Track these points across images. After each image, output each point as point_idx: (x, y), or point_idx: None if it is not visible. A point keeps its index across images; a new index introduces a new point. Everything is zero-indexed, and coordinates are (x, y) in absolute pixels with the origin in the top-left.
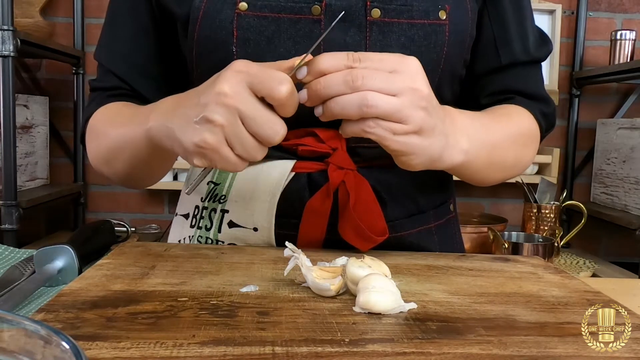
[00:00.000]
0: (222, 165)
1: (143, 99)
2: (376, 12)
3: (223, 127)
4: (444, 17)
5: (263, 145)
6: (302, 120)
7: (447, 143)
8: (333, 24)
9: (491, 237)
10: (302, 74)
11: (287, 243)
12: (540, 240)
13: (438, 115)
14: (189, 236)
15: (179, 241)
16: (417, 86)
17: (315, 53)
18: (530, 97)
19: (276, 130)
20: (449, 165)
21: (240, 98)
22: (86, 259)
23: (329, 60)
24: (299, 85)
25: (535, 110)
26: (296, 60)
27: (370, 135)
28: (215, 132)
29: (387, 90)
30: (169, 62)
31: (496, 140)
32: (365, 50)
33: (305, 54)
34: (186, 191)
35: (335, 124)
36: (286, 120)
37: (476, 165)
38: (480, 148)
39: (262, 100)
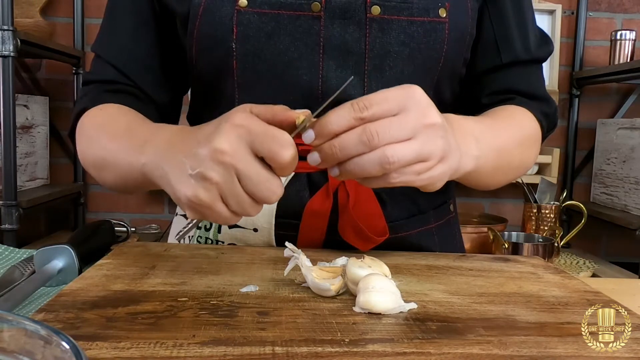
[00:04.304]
0: (214, 219)
1: (141, 95)
2: (376, 9)
3: (218, 184)
4: (444, 15)
5: (258, 204)
6: None
7: (460, 153)
8: (343, 86)
9: (491, 237)
10: (310, 138)
11: (287, 243)
12: (540, 240)
13: (450, 132)
14: (189, 236)
15: (179, 241)
16: (429, 120)
17: (315, 51)
18: (531, 97)
19: (273, 190)
20: (462, 174)
21: (239, 157)
22: (86, 259)
23: (337, 119)
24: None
25: (536, 110)
26: (296, 115)
27: (395, 185)
28: (210, 189)
29: (404, 136)
30: (169, 57)
31: (502, 143)
32: (365, 47)
33: (307, 113)
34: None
35: None
36: None
37: (485, 170)
38: (488, 151)
39: (261, 159)
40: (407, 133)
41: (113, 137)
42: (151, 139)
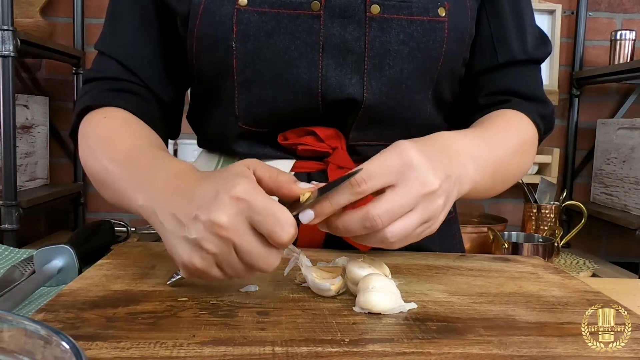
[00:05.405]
0: (208, 280)
1: (144, 92)
2: (375, 8)
3: (215, 255)
4: (444, 14)
5: (254, 271)
6: (302, 119)
7: (460, 182)
8: (349, 173)
9: (491, 237)
10: (309, 218)
11: None
12: (540, 240)
13: (446, 171)
14: None
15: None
16: (429, 188)
17: (314, 50)
18: (528, 98)
19: (270, 263)
20: (460, 196)
21: (237, 232)
22: (86, 259)
23: (338, 200)
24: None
25: (532, 112)
26: (301, 192)
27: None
28: (206, 258)
29: (404, 211)
30: (172, 55)
31: (499, 155)
32: (365, 46)
33: (313, 189)
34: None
35: (335, 124)
36: (286, 120)
37: (483, 186)
38: (485, 167)
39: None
40: (408, 207)
41: (113, 160)
42: (148, 177)
